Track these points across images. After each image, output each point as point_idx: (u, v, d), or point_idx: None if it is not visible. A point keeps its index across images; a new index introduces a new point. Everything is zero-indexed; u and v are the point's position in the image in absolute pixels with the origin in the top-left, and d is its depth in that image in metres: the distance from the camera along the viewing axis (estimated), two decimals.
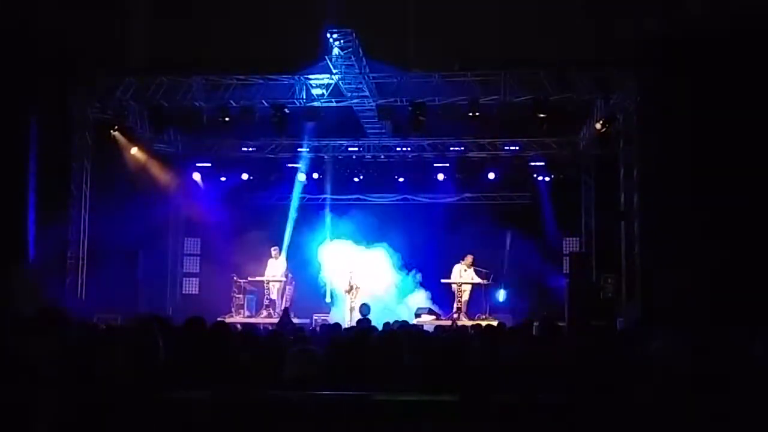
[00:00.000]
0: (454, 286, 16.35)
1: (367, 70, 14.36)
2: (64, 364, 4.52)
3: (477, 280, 16.34)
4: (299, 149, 18.44)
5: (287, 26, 13.71)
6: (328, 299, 17.89)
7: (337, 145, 18.54)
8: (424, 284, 17.82)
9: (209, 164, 18.80)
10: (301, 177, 18.62)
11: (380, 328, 8.98)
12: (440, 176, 18.52)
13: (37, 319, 5.08)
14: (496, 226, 18.07)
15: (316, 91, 15.24)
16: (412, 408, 4.09)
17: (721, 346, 4.95)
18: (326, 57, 13.69)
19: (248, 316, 16.35)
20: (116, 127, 15.76)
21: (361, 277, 16.83)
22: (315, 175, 18.85)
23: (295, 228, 18.24)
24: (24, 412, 4.04)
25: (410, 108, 14.81)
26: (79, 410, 4.11)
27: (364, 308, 15.44)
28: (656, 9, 12.89)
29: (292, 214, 18.26)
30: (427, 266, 17.95)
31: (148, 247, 17.91)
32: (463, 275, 16.39)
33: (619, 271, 15.02)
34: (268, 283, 16.86)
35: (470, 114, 14.78)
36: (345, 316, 15.93)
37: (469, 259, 16.54)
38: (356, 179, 18.86)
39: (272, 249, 17.26)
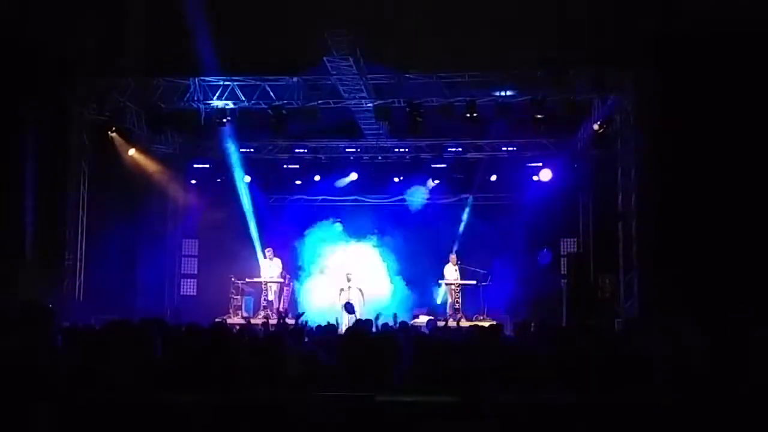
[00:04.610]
0: (449, 287, 16.39)
1: (365, 72, 14.37)
2: (61, 364, 4.51)
3: (464, 281, 16.45)
4: (297, 150, 18.43)
5: (285, 28, 13.70)
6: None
7: (334, 146, 18.54)
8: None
9: (207, 165, 18.78)
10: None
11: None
12: (436, 181, 18.58)
13: (25, 316, 5.02)
14: (495, 226, 18.09)
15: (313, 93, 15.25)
16: (412, 409, 4.09)
17: (719, 343, 4.97)
18: (324, 58, 13.69)
19: (246, 317, 16.31)
20: (114, 128, 15.73)
21: (356, 278, 16.83)
22: (317, 178, 18.79)
23: (291, 229, 18.23)
24: (22, 414, 4.03)
25: (408, 109, 14.82)
26: (77, 412, 4.09)
27: (348, 306, 15.31)
28: (653, 9, 12.91)
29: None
30: (423, 267, 17.94)
31: (146, 249, 17.90)
32: (455, 275, 16.48)
33: (616, 271, 15.03)
34: (265, 284, 16.84)
35: (468, 115, 14.79)
36: (342, 319, 15.88)
37: (453, 257, 16.73)
38: (354, 174, 18.77)
39: (266, 250, 17.23)
